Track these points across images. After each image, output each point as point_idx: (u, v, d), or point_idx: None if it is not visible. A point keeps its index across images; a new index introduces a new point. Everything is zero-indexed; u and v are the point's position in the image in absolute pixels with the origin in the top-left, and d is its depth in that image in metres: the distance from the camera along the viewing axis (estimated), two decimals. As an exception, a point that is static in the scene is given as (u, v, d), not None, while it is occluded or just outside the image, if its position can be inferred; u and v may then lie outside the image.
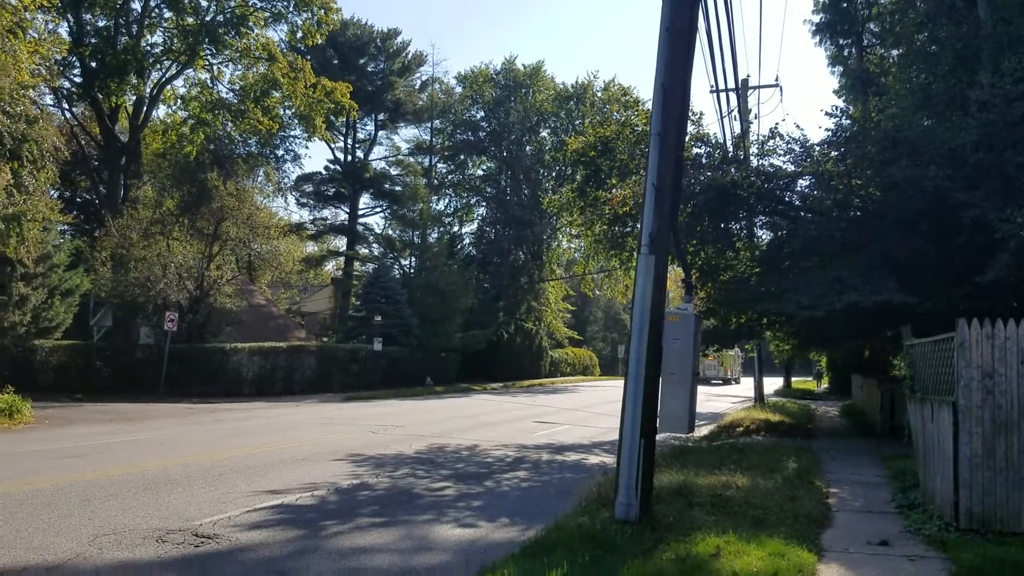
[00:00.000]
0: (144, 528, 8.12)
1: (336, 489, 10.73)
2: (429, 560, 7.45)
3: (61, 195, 39.07)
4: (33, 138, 17.94)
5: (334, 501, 9.96)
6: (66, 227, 39.21)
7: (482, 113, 59.93)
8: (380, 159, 61.03)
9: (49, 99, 35.49)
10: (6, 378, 21.05)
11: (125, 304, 32.23)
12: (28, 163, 17.98)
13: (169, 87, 37.66)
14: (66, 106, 37.68)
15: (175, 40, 35.77)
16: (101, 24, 35.40)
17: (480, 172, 62.21)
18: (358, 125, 58.09)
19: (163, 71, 37.13)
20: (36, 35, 22.46)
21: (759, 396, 28.42)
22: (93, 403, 25.26)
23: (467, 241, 61.07)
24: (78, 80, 35.57)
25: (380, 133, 60.34)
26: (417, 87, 60.82)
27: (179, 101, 37.69)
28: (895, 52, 21.89)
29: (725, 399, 36.48)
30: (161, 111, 40.99)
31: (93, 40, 34.48)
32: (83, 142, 38.47)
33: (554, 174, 57.03)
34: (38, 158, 18.24)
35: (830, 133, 16.04)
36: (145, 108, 37.52)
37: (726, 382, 58.38)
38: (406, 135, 66.68)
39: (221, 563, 7.00)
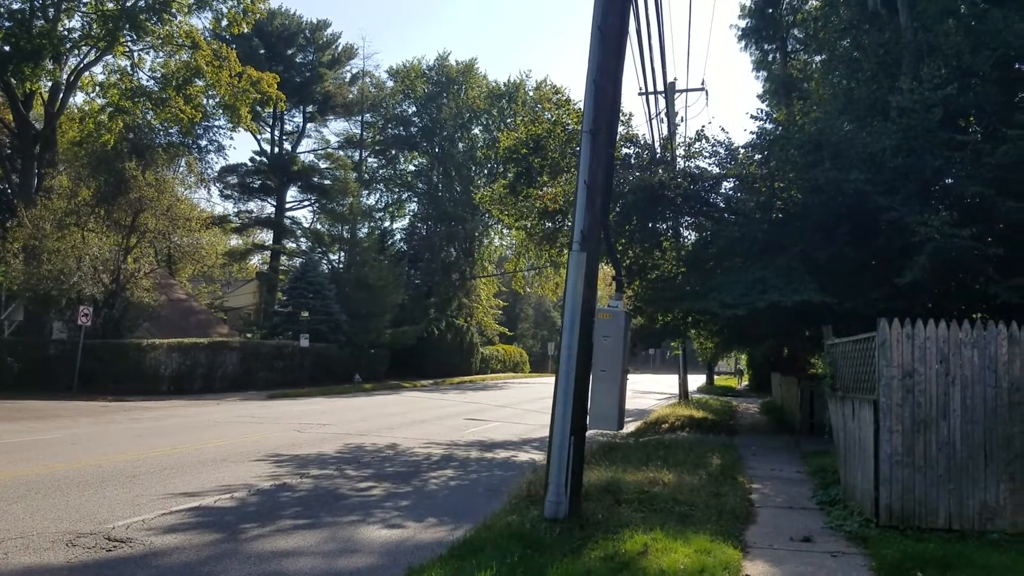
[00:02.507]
0: (53, 531, 7.72)
1: (257, 490, 10.41)
2: (355, 563, 7.26)
3: (-31, 184, 37.13)
4: (-65, 121, 16.92)
5: (254, 503, 9.65)
6: (-27, 217, 37.23)
7: (414, 108, 59.51)
8: (309, 152, 60.02)
9: (-43, 84, 33.64)
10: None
11: (38, 297, 30.74)
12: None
13: (87, 73, 36.07)
14: (-25, 91, 35.76)
15: (94, 25, 34.24)
16: (16, 7, 33.64)
17: (412, 167, 61.77)
18: (286, 117, 56.95)
19: (81, 57, 35.53)
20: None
21: (683, 393, 28.91)
22: (3, 400, 24.01)
23: (398, 237, 60.50)
24: (-11, 64, 33.79)
25: (309, 126, 59.33)
26: (347, 80, 59.99)
27: (97, 88, 36.11)
28: (818, 58, 22.51)
29: (650, 396, 37.03)
30: (78, 98, 39.33)
31: (6, 23, 32.72)
32: (-6, 129, 36.62)
33: (486, 171, 56.94)
34: (-59, 143, 17.20)
35: (754, 136, 16.37)
36: (61, 95, 35.82)
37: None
38: (336, 128, 66.11)
39: (134, 568, 6.68)
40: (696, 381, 42.30)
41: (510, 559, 6.28)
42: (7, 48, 32.48)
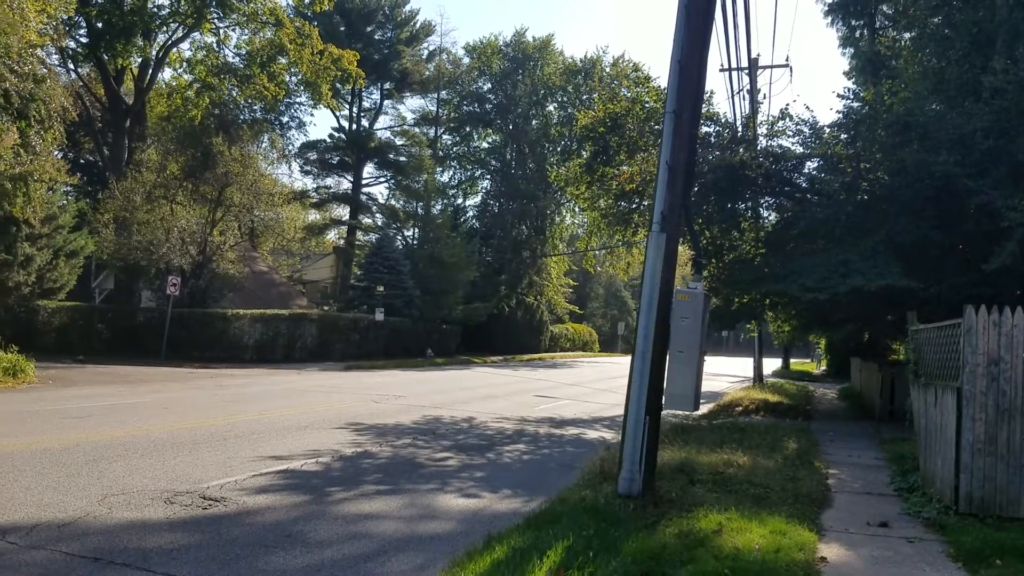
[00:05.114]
0: (152, 489, 8.20)
1: (340, 456, 10.84)
2: (434, 528, 7.54)
3: (66, 156, 38.91)
4: (40, 98, 17.79)
5: (338, 468, 10.07)
6: (70, 188, 39.08)
7: (489, 85, 59.59)
8: (385, 128, 60.78)
9: (55, 59, 35.15)
10: (9, 338, 21.09)
11: (128, 267, 32.24)
12: (35, 123, 17.84)
13: (175, 50, 37.33)
14: (71, 66, 37.33)
15: (182, 2, 35.34)
16: (109, -17, 34.99)
17: (485, 145, 62.01)
18: (364, 94, 57.70)
19: (169, 34, 36.78)
20: (43, -7, 22.21)
21: (758, 376, 28.51)
22: (95, 365, 25.36)
23: (470, 214, 61.05)
24: (84, 40, 35.19)
25: (386, 102, 59.99)
26: (424, 57, 60.37)
27: (185, 64, 37.38)
28: (907, 35, 21.69)
29: (723, 378, 36.63)
30: (166, 74, 40.69)
31: (99, 0, 34.14)
32: (88, 103, 38.12)
33: (559, 149, 56.84)
34: (45, 118, 18.10)
35: (840, 115, 15.97)
36: (151, 71, 37.21)
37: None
38: (412, 105, 66.62)
39: (229, 525, 7.09)
40: (771, 364, 41.67)
41: (586, 531, 6.44)
42: (100, 25, 33.81)
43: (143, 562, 5.93)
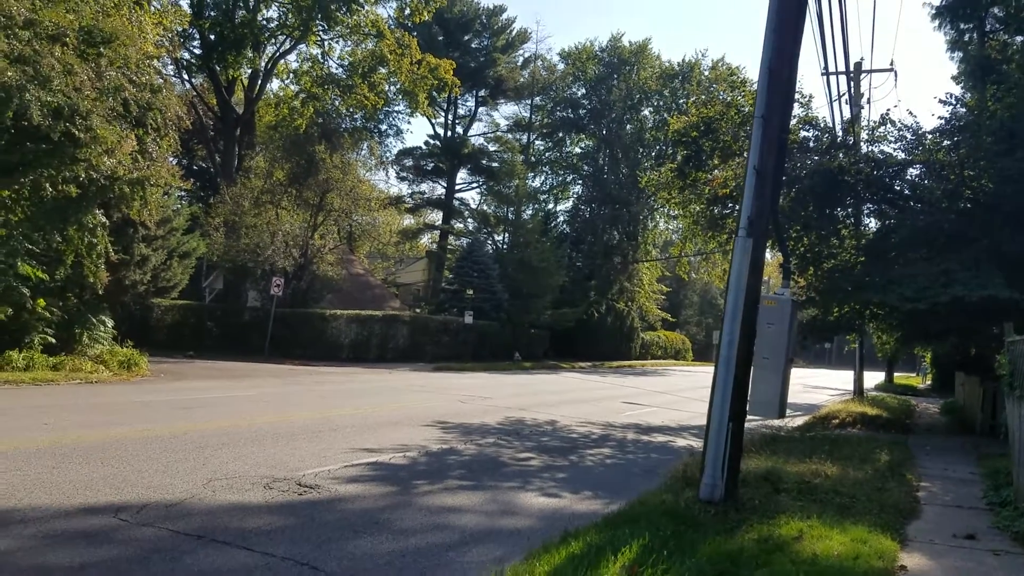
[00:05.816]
0: (252, 475, 8.68)
1: (427, 452, 11.18)
2: (514, 523, 7.73)
3: (180, 163, 41.06)
4: (157, 107, 18.83)
5: (424, 463, 10.40)
6: (184, 193, 41.20)
7: (583, 91, 59.72)
8: (479, 135, 61.77)
9: (171, 70, 37.19)
10: (125, 333, 22.44)
11: (236, 268, 33.84)
12: (152, 131, 18.89)
13: (282, 61, 39.03)
14: (186, 77, 39.34)
15: (289, 15, 36.92)
16: (221, -3, 36.87)
17: (578, 150, 62.15)
18: (459, 101, 58.77)
19: (277, 46, 38.48)
20: (159, 7, 23.66)
21: (858, 390, 27.61)
22: (203, 360, 26.70)
23: (561, 219, 61.26)
24: (197, 52, 37.15)
25: (480, 109, 60.98)
26: (519, 64, 61.04)
27: (291, 75, 39.05)
28: (1020, 38, 20.67)
29: (823, 391, 35.60)
30: (274, 85, 42.51)
31: (212, 13, 35.94)
32: (201, 112, 40.05)
33: (654, 153, 56.39)
34: (161, 126, 19.14)
35: (943, 121, 15.43)
36: (259, 81, 38.94)
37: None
38: (506, 112, 67.27)
39: (322, 511, 7.47)
40: (874, 378, 40.25)
41: (663, 532, 6.49)
42: (212, 37, 35.63)
43: (242, 541, 6.33)
